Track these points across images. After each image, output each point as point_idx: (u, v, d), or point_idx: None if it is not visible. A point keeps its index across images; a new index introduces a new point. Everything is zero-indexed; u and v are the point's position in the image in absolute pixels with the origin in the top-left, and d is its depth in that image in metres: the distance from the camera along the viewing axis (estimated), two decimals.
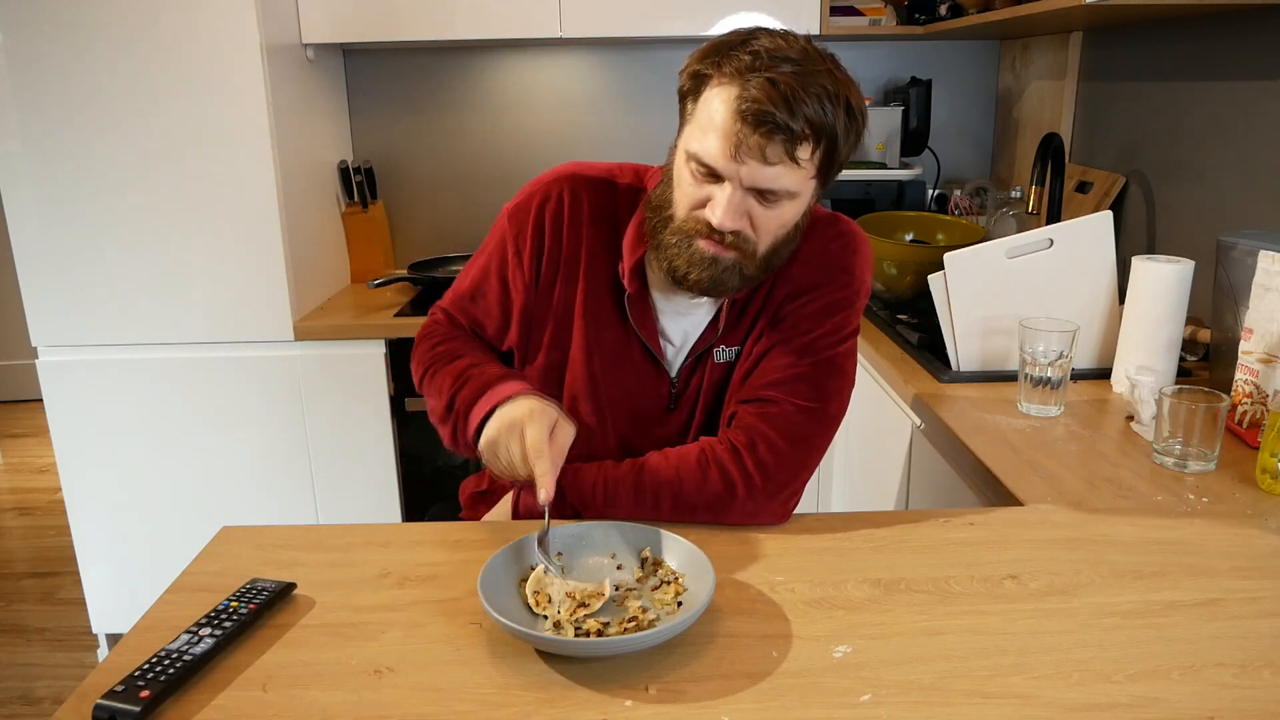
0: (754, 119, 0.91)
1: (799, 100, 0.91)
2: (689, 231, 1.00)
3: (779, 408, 1.05)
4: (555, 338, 1.14)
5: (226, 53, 1.96)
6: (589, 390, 1.14)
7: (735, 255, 1.00)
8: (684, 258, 1.01)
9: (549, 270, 1.12)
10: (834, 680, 0.77)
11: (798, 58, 0.93)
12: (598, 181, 1.13)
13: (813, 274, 1.10)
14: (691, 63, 0.99)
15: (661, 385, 1.15)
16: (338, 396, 2.14)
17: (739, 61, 0.93)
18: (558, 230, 1.11)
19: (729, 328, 1.12)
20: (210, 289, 2.09)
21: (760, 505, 1.02)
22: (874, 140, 2.37)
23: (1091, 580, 0.91)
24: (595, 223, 1.12)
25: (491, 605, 0.80)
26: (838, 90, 0.94)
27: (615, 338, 1.13)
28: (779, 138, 0.92)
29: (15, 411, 4.11)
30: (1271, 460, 1.10)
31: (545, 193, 1.12)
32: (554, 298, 1.13)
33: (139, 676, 0.75)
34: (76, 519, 2.22)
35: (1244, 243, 1.31)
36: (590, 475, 1.06)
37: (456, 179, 2.67)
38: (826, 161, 0.98)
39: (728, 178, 0.96)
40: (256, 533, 1.03)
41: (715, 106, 0.94)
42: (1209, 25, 1.70)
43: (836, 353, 1.09)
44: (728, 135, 0.93)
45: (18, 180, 2.01)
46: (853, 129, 0.97)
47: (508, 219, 1.14)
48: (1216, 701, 0.73)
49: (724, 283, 1.02)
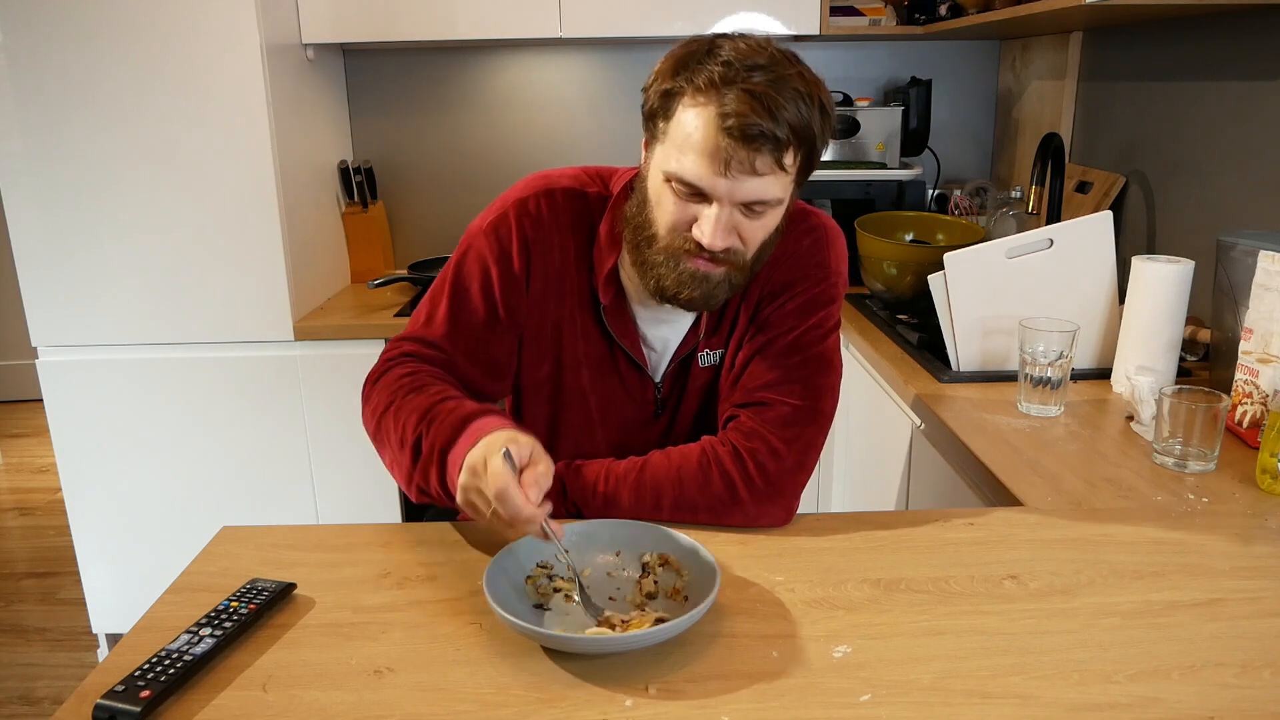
0: (741, 133, 0.89)
1: (779, 107, 0.90)
2: (676, 251, 0.98)
3: (775, 410, 1.05)
4: (546, 352, 1.13)
5: (226, 53, 1.96)
6: (578, 401, 1.14)
7: (726, 269, 0.99)
8: (673, 278, 0.99)
9: (538, 284, 1.09)
10: (834, 680, 0.77)
11: (768, 63, 0.92)
12: (571, 192, 1.10)
13: (787, 272, 1.09)
14: (658, 80, 0.96)
15: (646, 391, 1.15)
16: (338, 396, 2.14)
17: (710, 73, 0.91)
18: (541, 243, 1.08)
19: (710, 332, 1.12)
20: (210, 289, 2.09)
21: (762, 509, 1.03)
22: (874, 140, 2.37)
23: (1091, 580, 0.91)
24: (574, 233, 1.10)
25: (496, 603, 0.80)
26: (810, 91, 0.93)
27: (599, 348, 1.12)
28: (767, 148, 0.91)
29: (15, 411, 4.11)
30: (1271, 460, 1.10)
31: (522, 206, 1.08)
32: (545, 311, 1.11)
33: (139, 676, 0.75)
34: (76, 519, 2.22)
35: (1244, 243, 1.31)
36: (591, 474, 1.06)
37: (456, 179, 2.67)
38: (806, 163, 0.97)
39: (715, 196, 0.94)
40: (256, 533, 1.03)
41: (694, 124, 0.92)
42: (1209, 25, 1.70)
43: (823, 348, 1.08)
44: (715, 153, 0.91)
45: (18, 180, 2.01)
46: (827, 127, 0.97)
47: (484, 237, 1.09)
48: (1216, 701, 0.73)
49: (715, 297, 1.01)
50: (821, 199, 2.38)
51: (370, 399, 1.05)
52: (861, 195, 2.34)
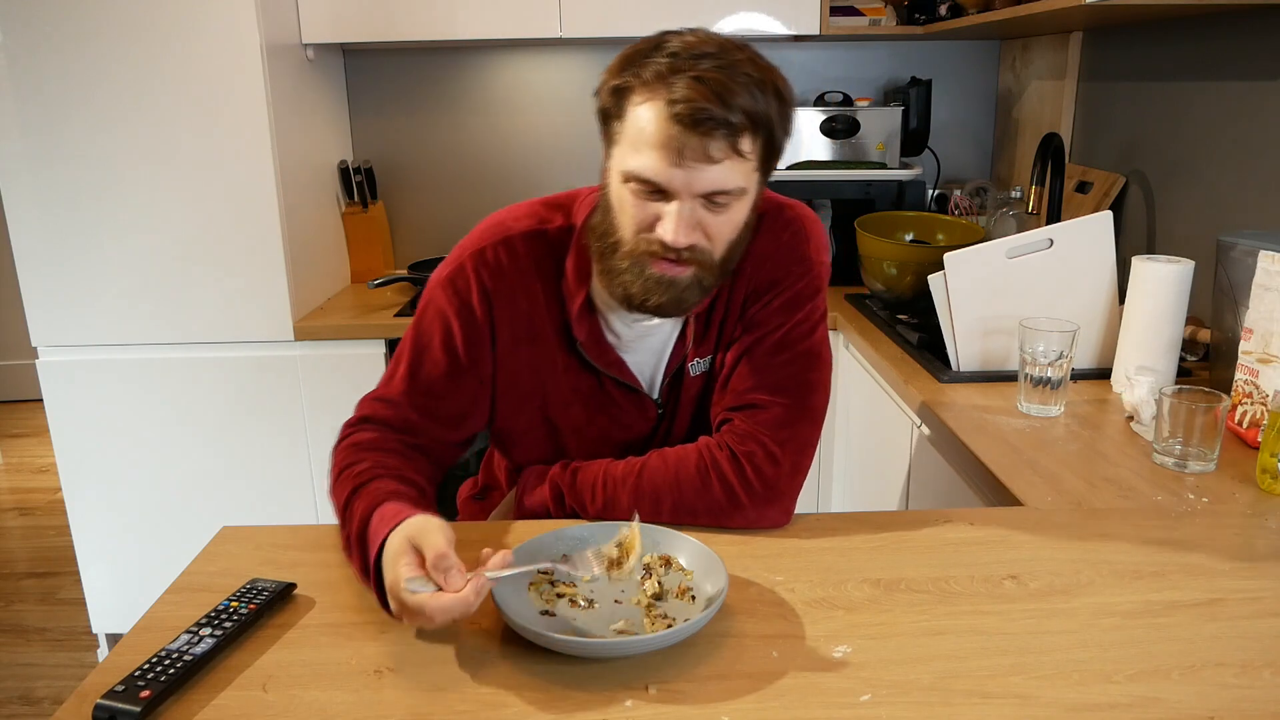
0: (690, 120, 0.88)
1: (730, 93, 0.88)
2: (640, 254, 0.96)
3: (768, 412, 1.04)
4: (528, 398, 1.10)
5: (226, 53, 1.96)
6: (576, 436, 1.12)
7: (693, 270, 0.96)
8: (639, 284, 0.97)
9: (505, 332, 1.07)
10: (834, 680, 0.77)
11: (715, 51, 0.91)
12: (529, 235, 1.06)
13: (770, 271, 1.07)
14: (608, 79, 0.95)
15: (647, 409, 1.13)
16: (338, 396, 2.14)
17: (658, 66, 0.90)
18: (504, 292, 1.06)
19: (698, 339, 1.10)
20: (210, 289, 2.09)
21: (762, 513, 1.03)
22: (874, 140, 2.37)
23: (1091, 580, 0.91)
24: (540, 275, 1.06)
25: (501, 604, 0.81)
26: (763, 77, 0.92)
27: (589, 383, 1.10)
28: (720, 133, 0.89)
29: (15, 411, 4.11)
30: (1271, 460, 1.10)
31: (480, 257, 1.05)
32: (518, 359, 1.08)
33: (139, 676, 0.75)
34: (76, 519, 2.22)
35: (1244, 243, 1.31)
36: (590, 477, 1.06)
37: (456, 179, 2.67)
38: (767, 151, 0.95)
39: (674, 190, 0.92)
40: (256, 533, 1.03)
41: (645, 118, 0.90)
42: (1209, 25, 1.70)
43: (811, 342, 1.07)
44: (667, 143, 0.89)
45: (18, 179, 2.01)
46: (785, 115, 0.95)
47: (441, 290, 1.06)
48: (1216, 701, 0.73)
49: (685, 301, 0.99)
50: (821, 199, 2.38)
51: (330, 469, 1.04)
52: (861, 195, 2.34)
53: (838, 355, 2.11)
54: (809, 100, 2.55)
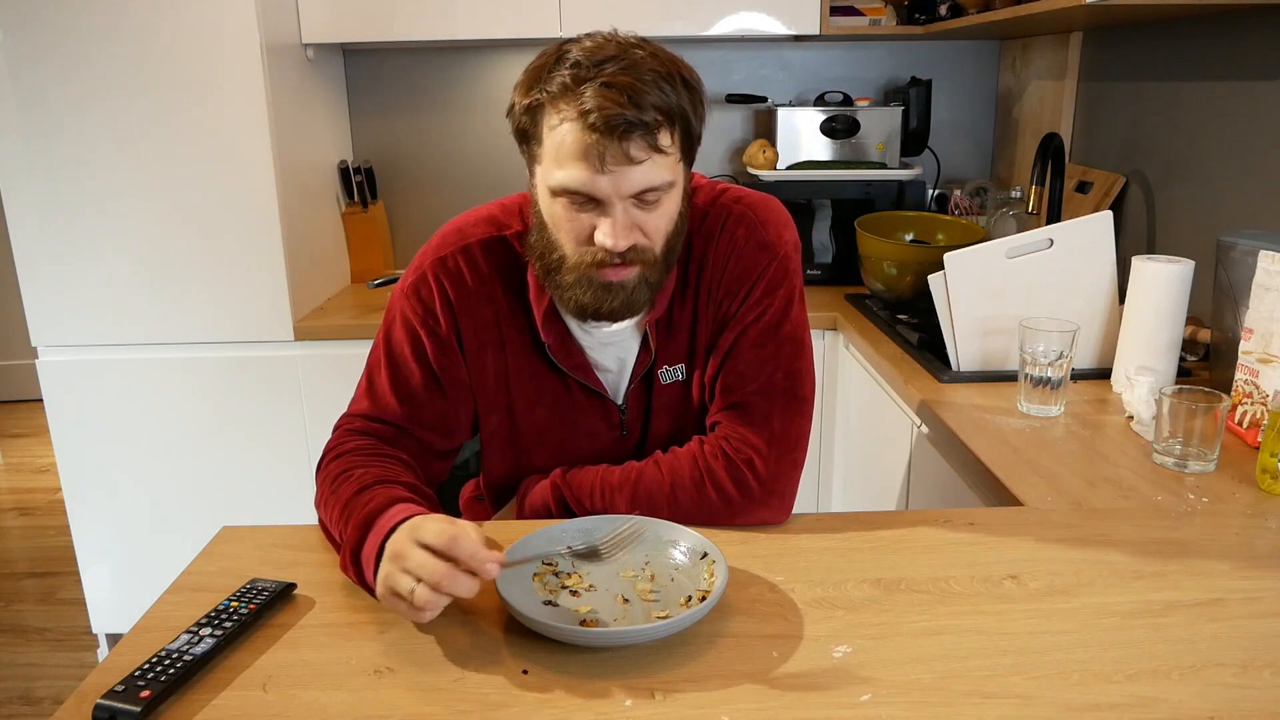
0: (606, 126, 0.89)
1: (639, 92, 0.89)
2: (585, 266, 0.97)
3: (758, 410, 1.04)
4: (496, 402, 1.11)
5: (226, 53, 1.96)
6: (540, 441, 1.13)
7: (638, 269, 0.97)
8: (589, 294, 0.98)
9: (471, 342, 1.08)
10: (834, 680, 0.77)
11: (617, 53, 0.92)
12: (488, 242, 1.08)
13: (736, 268, 1.07)
14: (518, 99, 0.96)
15: (610, 414, 1.13)
16: (338, 396, 2.13)
17: (563, 78, 0.91)
18: (465, 300, 1.07)
19: (662, 346, 1.10)
20: (210, 289, 2.09)
21: (758, 513, 1.03)
22: (874, 140, 2.37)
23: (1091, 580, 0.91)
24: (502, 281, 1.07)
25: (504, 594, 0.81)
26: (669, 70, 0.93)
27: (554, 386, 1.11)
28: (637, 134, 0.90)
29: (15, 411, 4.11)
30: (1271, 460, 1.10)
31: (441, 265, 1.07)
32: (485, 366, 1.09)
33: (139, 676, 0.75)
34: (76, 519, 2.22)
35: (1244, 243, 1.31)
36: (587, 481, 1.06)
37: (456, 179, 2.67)
38: (685, 141, 0.97)
39: (604, 196, 0.93)
40: (256, 533, 1.03)
41: (563, 131, 0.91)
42: (1209, 25, 1.70)
43: (791, 327, 1.07)
44: (587, 153, 0.90)
45: (18, 180, 2.01)
46: (696, 102, 0.96)
47: (405, 299, 1.08)
48: (1216, 701, 0.73)
49: (637, 301, 1.00)
50: (821, 199, 2.38)
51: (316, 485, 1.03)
52: (861, 195, 2.34)
53: (838, 355, 2.11)
54: (809, 100, 2.55)
